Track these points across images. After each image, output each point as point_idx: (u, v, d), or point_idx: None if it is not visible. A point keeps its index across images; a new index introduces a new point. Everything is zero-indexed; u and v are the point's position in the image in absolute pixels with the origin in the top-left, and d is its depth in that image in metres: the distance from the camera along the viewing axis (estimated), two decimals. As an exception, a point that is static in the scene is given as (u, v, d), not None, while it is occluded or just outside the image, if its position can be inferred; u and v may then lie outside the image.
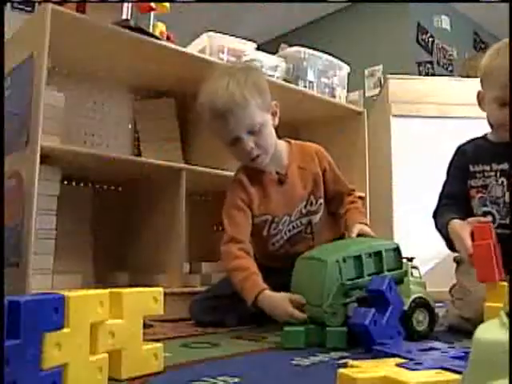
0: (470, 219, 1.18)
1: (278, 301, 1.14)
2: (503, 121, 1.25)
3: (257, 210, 1.36)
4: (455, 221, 1.21)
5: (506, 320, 0.35)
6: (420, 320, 1.10)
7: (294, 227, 1.40)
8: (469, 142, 1.41)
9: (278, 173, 1.39)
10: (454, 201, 1.34)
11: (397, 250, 1.17)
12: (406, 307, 1.10)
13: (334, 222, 1.47)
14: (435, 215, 1.37)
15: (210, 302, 1.39)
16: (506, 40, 1.29)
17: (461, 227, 1.16)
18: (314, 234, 1.41)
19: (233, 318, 1.35)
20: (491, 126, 1.33)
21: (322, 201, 1.41)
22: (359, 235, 1.28)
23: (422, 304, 1.12)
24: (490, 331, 0.36)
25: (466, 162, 1.35)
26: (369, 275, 1.11)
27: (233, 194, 1.37)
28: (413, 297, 1.11)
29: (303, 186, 1.39)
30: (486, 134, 1.37)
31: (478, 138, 1.39)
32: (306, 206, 1.39)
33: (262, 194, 1.37)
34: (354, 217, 1.36)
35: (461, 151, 1.40)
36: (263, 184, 1.38)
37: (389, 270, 1.13)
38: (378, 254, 1.13)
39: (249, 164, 1.35)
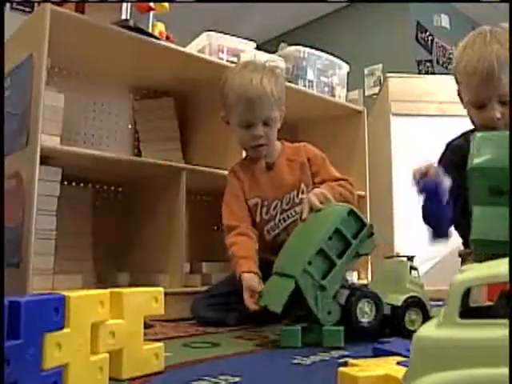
0: None
1: (244, 289, 1.23)
2: (485, 123, 1.24)
3: (248, 193, 1.47)
4: None
5: (442, 319, 0.38)
6: (413, 319, 1.10)
7: (288, 216, 1.46)
8: (458, 137, 1.39)
9: (267, 162, 1.50)
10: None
11: (351, 212, 1.15)
12: (399, 303, 1.10)
13: None
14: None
15: (212, 299, 1.40)
16: (475, 33, 1.25)
17: None
18: None
19: (233, 317, 1.35)
20: (474, 125, 1.32)
21: (311, 187, 1.46)
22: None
23: (415, 304, 1.12)
24: (427, 329, 0.38)
25: (463, 154, 1.33)
26: (338, 256, 1.10)
27: (229, 184, 1.51)
28: (405, 296, 1.11)
29: (291, 173, 1.49)
30: (474, 129, 1.33)
31: (467, 133, 1.35)
32: (298, 195, 1.46)
33: (252, 180, 1.49)
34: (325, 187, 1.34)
35: (454, 146, 1.38)
36: (253, 171, 1.50)
37: (354, 237, 1.12)
38: (337, 231, 1.12)
39: (251, 150, 1.49)
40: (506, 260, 0.38)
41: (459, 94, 1.33)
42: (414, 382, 0.36)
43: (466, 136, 1.35)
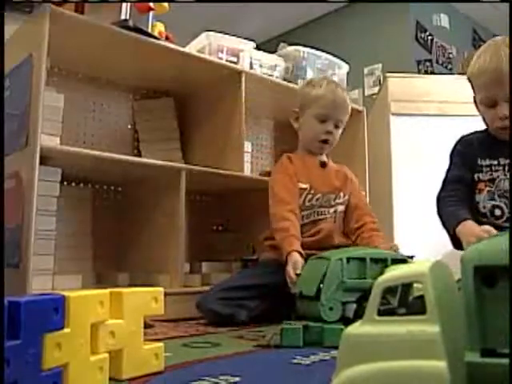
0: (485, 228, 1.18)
1: (292, 257, 1.34)
2: (493, 121, 1.28)
3: (299, 177, 1.58)
4: (468, 222, 1.22)
5: (365, 317, 0.41)
6: None
7: (322, 213, 1.59)
8: (472, 134, 1.42)
9: (320, 160, 1.66)
10: (460, 185, 1.35)
11: (405, 261, 1.17)
12: None
13: None
14: (438, 199, 1.38)
15: (223, 293, 1.39)
16: (489, 42, 1.32)
17: (472, 232, 1.17)
18: (336, 219, 1.61)
19: (244, 314, 1.35)
20: (486, 124, 1.35)
21: (347, 197, 1.64)
22: None
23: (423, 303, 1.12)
24: (354, 326, 0.41)
25: (474, 153, 1.36)
26: (371, 279, 1.12)
27: (281, 165, 1.62)
28: (415, 295, 1.11)
29: (337, 179, 1.65)
30: (487, 129, 1.37)
31: (480, 132, 1.39)
32: (335, 199, 1.62)
33: (304, 168, 1.62)
34: (377, 240, 1.50)
35: (466, 141, 1.40)
36: (307, 162, 1.64)
37: None
38: (384, 261, 1.14)
39: (316, 144, 1.63)
40: (429, 260, 0.41)
41: (475, 101, 1.36)
42: (339, 375, 0.39)
43: (477, 135, 1.40)
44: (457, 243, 1.24)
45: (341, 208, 1.62)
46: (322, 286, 1.10)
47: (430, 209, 1.39)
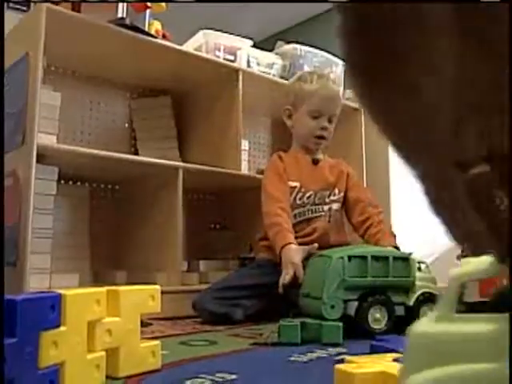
0: None
1: (291, 251, 1.34)
2: None
3: (289, 175, 1.58)
4: None
5: (438, 314, 0.38)
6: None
7: (316, 210, 1.57)
8: None
9: (312, 158, 1.64)
10: None
11: (407, 260, 1.18)
12: (411, 303, 1.12)
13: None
14: None
15: (218, 292, 1.39)
16: None
17: None
18: (331, 218, 1.58)
19: (239, 313, 1.35)
20: None
21: (342, 194, 1.62)
22: None
23: (428, 300, 1.14)
24: (424, 324, 0.38)
25: None
26: (373, 277, 1.12)
27: (271, 164, 1.63)
28: (416, 294, 1.13)
29: (331, 174, 1.63)
30: None
31: None
32: (329, 196, 1.60)
33: (295, 165, 1.61)
34: (386, 238, 1.47)
35: None
36: (298, 160, 1.63)
37: (394, 277, 1.15)
38: (385, 259, 1.15)
39: (312, 140, 1.60)
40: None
41: None
42: (415, 376, 0.36)
43: None
44: None
45: (335, 206, 1.60)
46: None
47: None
